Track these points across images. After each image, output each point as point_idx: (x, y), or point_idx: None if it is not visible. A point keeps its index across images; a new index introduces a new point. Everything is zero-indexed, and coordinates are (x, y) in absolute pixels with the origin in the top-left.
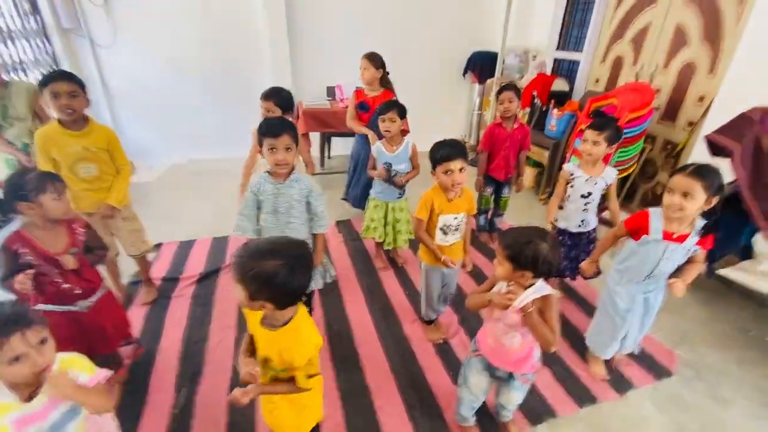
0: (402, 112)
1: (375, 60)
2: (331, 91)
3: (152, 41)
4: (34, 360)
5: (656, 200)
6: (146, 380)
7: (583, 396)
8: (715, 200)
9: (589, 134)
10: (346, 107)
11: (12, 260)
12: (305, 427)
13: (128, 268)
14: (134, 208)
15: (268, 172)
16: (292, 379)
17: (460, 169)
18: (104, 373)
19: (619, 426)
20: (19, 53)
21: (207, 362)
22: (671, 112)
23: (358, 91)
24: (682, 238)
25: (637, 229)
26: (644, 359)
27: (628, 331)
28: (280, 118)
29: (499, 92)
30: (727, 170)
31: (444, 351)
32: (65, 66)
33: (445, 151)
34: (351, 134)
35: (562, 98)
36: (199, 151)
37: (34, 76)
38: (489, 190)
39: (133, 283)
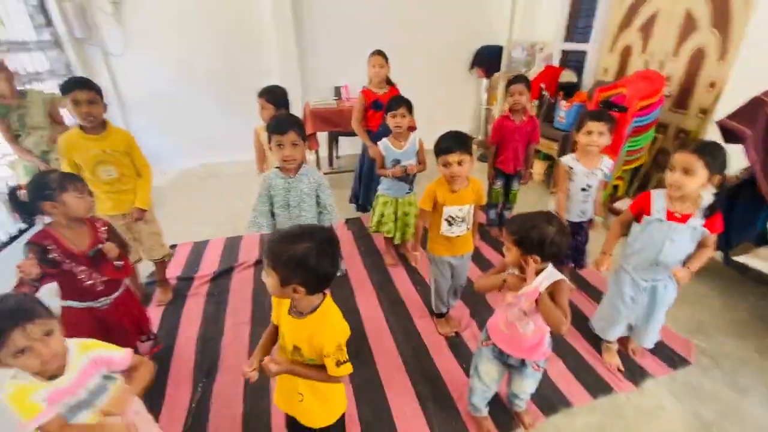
0: (410, 107)
1: (385, 57)
2: (337, 91)
3: (162, 48)
4: (39, 351)
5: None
6: (164, 376)
7: (598, 386)
8: (717, 179)
9: (594, 126)
10: (353, 106)
11: (42, 256)
12: (331, 417)
13: (144, 268)
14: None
15: (278, 167)
16: (322, 367)
17: (459, 162)
18: (129, 351)
19: (634, 415)
20: (35, 65)
21: (222, 358)
22: (683, 99)
23: (367, 91)
24: (685, 218)
25: (640, 211)
26: (660, 349)
27: (633, 318)
28: (288, 115)
29: (508, 84)
30: (741, 156)
31: (455, 344)
32: (79, 75)
33: (446, 144)
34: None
35: (570, 90)
36: (210, 155)
37: (51, 86)
38: (499, 183)
39: (149, 283)
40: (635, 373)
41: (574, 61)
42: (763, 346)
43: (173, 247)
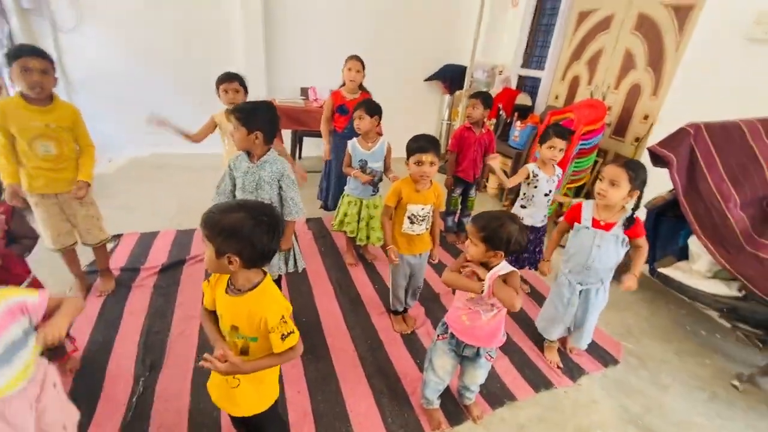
0: (371, 109)
1: (363, 63)
2: (304, 92)
3: (119, 28)
4: None
5: None
6: (102, 370)
7: (539, 382)
8: (636, 194)
9: (558, 142)
10: (321, 106)
11: None
12: (264, 403)
13: (85, 257)
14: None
15: (248, 152)
16: (267, 352)
17: (431, 163)
18: (44, 291)
19: (571, 408)
20: None
21: (168, 352)
22: (620, 128)
23: (336, 93)
24: (609, 226)
25: (573, 220)
26: (594, 349)
27: (570, 320)
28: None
29: (469, 98)
30: (667, 180)
31: (411, 341)
32: None
33: (420, 143)
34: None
35: (525, 112)
36: (162, 145)
37: None
38: (458, 191)
39: (89, 272)
40: (572, 370)
41: (529, 86)
42: (682, 348)
43: (118, 236)
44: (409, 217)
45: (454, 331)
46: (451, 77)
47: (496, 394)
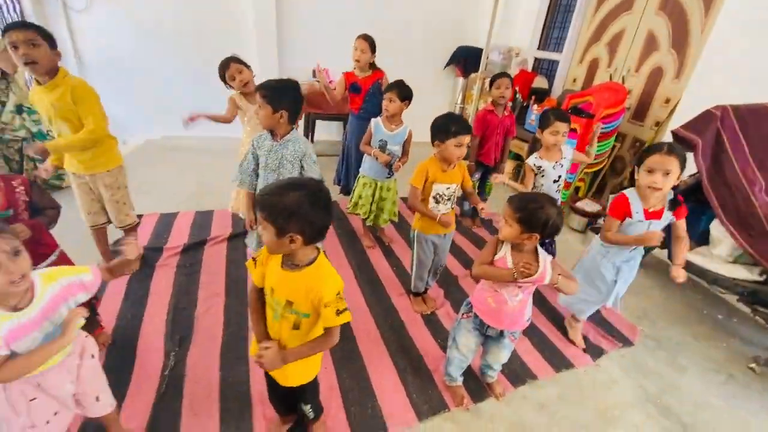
0: (403, 94)
1: (371, 42)
2: (315, 74)
3: (131, 8)
4: (7, 267)
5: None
6: (132, 345)
7: (560, 362)
8: (680, 174)
9: (561, 126)
10: (334, 89)
11: None
12: (310, 374)
13: (111, 236)
14: None
15: (271, 131)
16: (316, 336)
17: (468, 144)
18: (93, 267)
19: (591, 387)
20: None
21: (196, 328)
22: (640, 112)
23: (348, 74)
24: (658, 214)
25: (623, 215)
26: (612, 331)
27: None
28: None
29: (492, 80)
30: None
31: (431, 321)
32: None
33: (462, 124)
34: (337, 118)
35: (541, 95)
36: (174, 127)
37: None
38: (476, 175)
39: (114, 251)
40: (592, 350)
41: (545, 68)
42: (698, 331)
43: (138, 217)
44: (434, 197)
45: (478, 312)
46: (465, 59)
47: (517, 373)
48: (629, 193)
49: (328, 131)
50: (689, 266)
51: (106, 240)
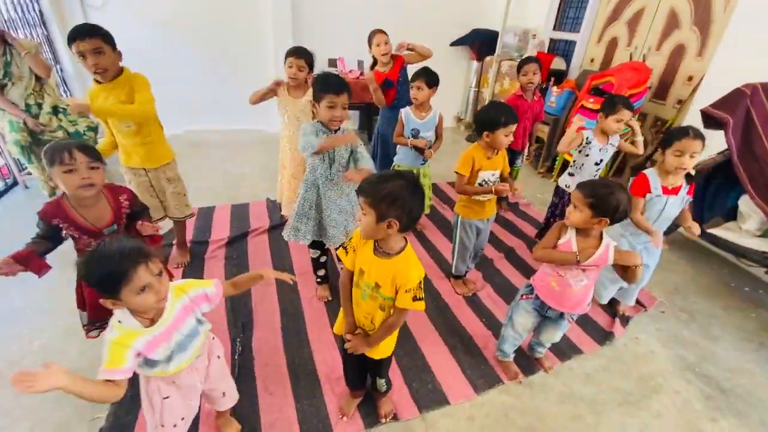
0: (431, 81)
1: (386, 33)
2: (332, 63)
3: (145, 3)
4: (158, 288)
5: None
6: None
7: (601, 337)
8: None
9: (626, 114)
10: (357, 78)
11: (52, 232)
12: (391, 348)
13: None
14: None
15: (321, 122)
16: (393, 315)
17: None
18: (216, 281)
19: (632, 358)
20: (8, 11)
21: (255, 316)
22: (662, 91)
23: (376, 73)
24: (676, 190)
25: (644, 192)
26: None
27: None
28: (338, 76)
29: (521, 65)
30: (716, 141)
31: (473, 302)
32: (52, 27)
33: (510, 115)
34: (356, 107)
35: (559, 76)
36: (194, 122)
37: (23, 35)
38: None
39: (164, 246)
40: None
41: (561, 49)
42: (728, 304)
43: None
44: (480, 184)
45: (540, 294)
46: (479, 43)
47: (562, 348)
48: (649, 172)
49: (350, 121)
50: (717, 241)
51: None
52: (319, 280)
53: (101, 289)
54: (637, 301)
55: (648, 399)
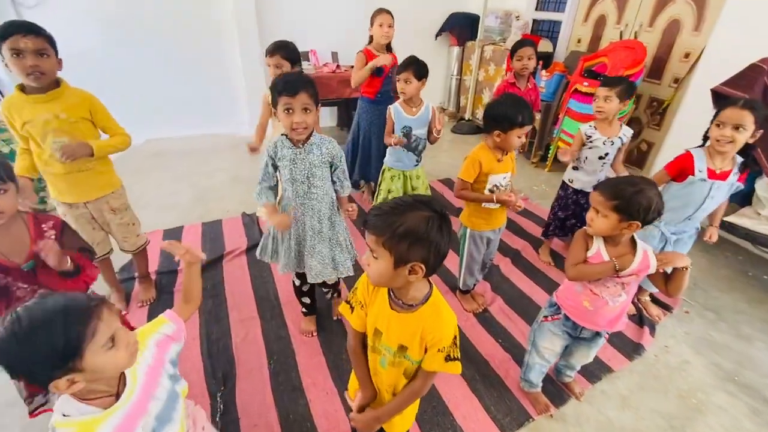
0: (419, 72)
1: (392, 15)
2: (304, 56)
3: (93, 1)
4: (127, 339)
5: (641, 158)
6: None
7: (629, 348)
8: (759, 134)
9: (600, 91)
10: (332, 72)
11: None
12: (411, 419)
13: (115, 263)
14: None
15: (286, 135)
16: (416, 379)
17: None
18: (169, 312)
19: (667, 372)
20: None
21: (237, 360)
22: (656, 69)
23: (367, 51)
24: (725, 175)
25: (680, 172)
26: (656, 301)
27: None
28: (299, 74)
29: (514, 49)
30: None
31: (486, 320)
32: None
33: (529, 114)
34: (334, 103)
35: (547, 60)
36: (156, 129)
37: None
38: None
39: (123, 280)
40: (645, 322)
41: (545, 30)
42: (751, 296)
43: None
44: (491, 190)
45: (571, 315)
46: (459, 28)
47: (590, 368)
48: (695, 151)
49: (323, 119)
50: (735, 230)
51: (113, 270)
52: (304, 310)
53: (47, 368)
54: (661, 304)
55: (693, 422)
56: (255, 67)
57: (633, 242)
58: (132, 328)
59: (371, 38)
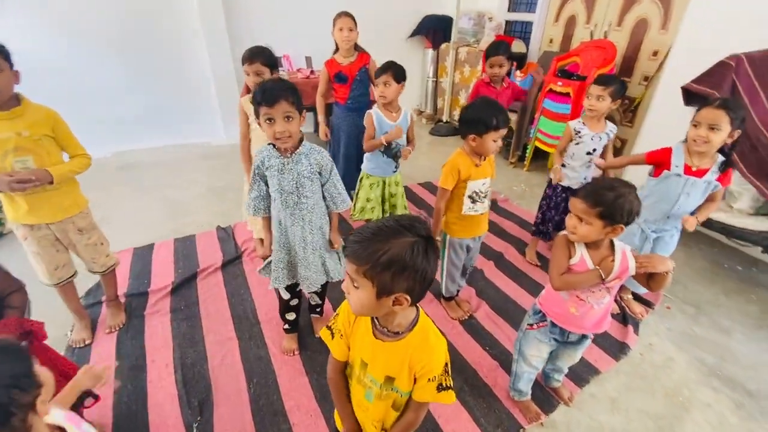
0: (398, 75)
1: (354, 19)
2: (278, 62)
3: (44, 9)
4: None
5: (616, 155)
6: (143, 424)
7: (615, 348)
8: (737, 134)
9: (594, 89)
10: (306, 78)
11: None
12: None
13: (79, 287)
14: None
15: (273, 144)
16: (407, 411)
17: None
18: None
19: (652, 371)
20: None
21: (215, 386)
22: (627, 68)
23: (330, 62)
24: (701, 172)
25: (658, 162)
26: (638, 298)
27: None
28: (278, 80)
29: (488, 55)
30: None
31: (472, 326)
32: None
33: (504, 116)
34: (310, 109)
35: (520, 60)
36: (124, 141)
37: None
38: None
39: (88, 306)
40: (629, 321)
41: (518, 31)
42: (727, 287)
43: None
44: (470, 196)
45: (558, 322)
46: (433, 30)
47: (578, 372)
48: (675, 146)
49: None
50: (711, 225)
51: (77, 295)
52: (287, 326)
53: None
54: (644, 301)
55: (681, 421)
56: (226, 74)
57: (611, 243)
58: (75, 369)
59: (336, 45)
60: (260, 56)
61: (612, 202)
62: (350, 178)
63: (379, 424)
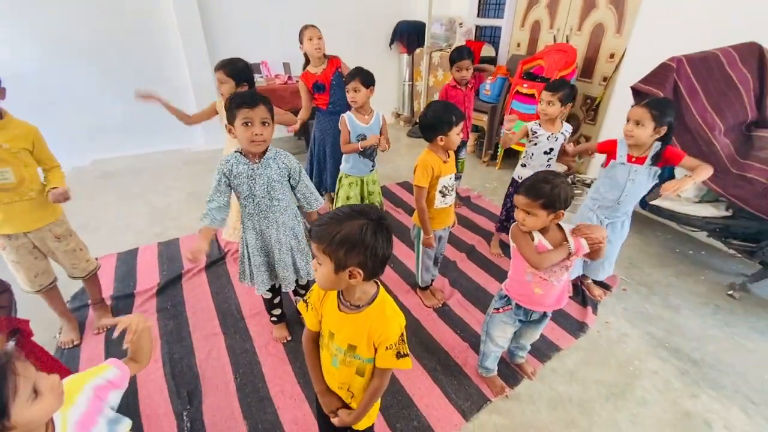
0: (366, 80)
1: (319, 29)
2: (256, 68)
3: (23, 19)
4: (50, 384)
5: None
6: (136, 415)
7: (574, 327)
8: (663, 131)
9: (544, 95)
10: (284, 83)
11: None
12: (374, 417)
13: (65, 291)
14: None
15: (239, 151)
16: (374, 378)
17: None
18: (112, 360)
19: (607, 345)
20: None
21: (203, 377)
22: (587, 69)
23: (305, 75)
24: (641, 160)
25: (606, 151)
26: (597, 283)
27: None
28: (253, 90)
29: (453, 60)
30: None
31: (445, 313)
32: None
33: (459, 111)
34: (294, 113)
35: (490, 63)
36: (102, 150)
37: None
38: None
39: (75, 309)
40: (588, 303)
41: (487, 36)
42: (679, 270)
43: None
44: (440, 191)
45: (524, 304)
46: (407, 35)
47: (541, 348)
48: (621, 138)
49: (280, 127)
50: (661, 212)
51: (62, 298)
52: (274, 319)
53: None
54: (602, 284)
55: (631, 387)
56: (204, 82)
57: (558, 226)
58: (62, 367)
59: (306, 57)
60: (225, 66)
61: (550, 193)
62: (331, 179)
63: (344, 386)
